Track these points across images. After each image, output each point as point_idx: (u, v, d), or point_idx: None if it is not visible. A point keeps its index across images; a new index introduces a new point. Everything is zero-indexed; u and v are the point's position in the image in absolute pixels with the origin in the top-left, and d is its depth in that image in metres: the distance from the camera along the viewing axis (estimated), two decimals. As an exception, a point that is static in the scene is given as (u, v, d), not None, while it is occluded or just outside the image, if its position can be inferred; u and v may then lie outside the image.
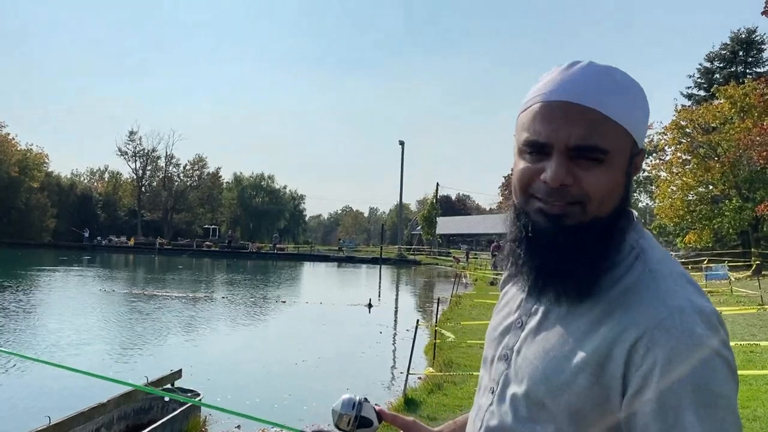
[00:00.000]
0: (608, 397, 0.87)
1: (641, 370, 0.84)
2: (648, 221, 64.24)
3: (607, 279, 0.93)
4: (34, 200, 64.32)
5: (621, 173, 0.93)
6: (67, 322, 15.21)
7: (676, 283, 0.90)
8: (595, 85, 0.92)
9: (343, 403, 1.19)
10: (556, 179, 0.91)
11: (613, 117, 0.91)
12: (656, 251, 0.96)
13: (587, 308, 0.92)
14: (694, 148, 35.07)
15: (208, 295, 23.22)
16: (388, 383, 10.06)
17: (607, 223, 0.93)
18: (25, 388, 8.96)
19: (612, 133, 0.91)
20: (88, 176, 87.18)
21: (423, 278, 38.29)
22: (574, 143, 0.91)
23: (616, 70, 0.95)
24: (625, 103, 0.93)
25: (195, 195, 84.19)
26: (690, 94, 44.17)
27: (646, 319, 0.86)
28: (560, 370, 0.91)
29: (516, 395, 0.96)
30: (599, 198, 0.92)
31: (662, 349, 0.83)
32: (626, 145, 0.93)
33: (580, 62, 0.96)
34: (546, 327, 0.97)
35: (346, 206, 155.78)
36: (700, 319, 0.85)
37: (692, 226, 36.27)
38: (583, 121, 0.91)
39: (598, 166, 0.91)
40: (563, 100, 0.92)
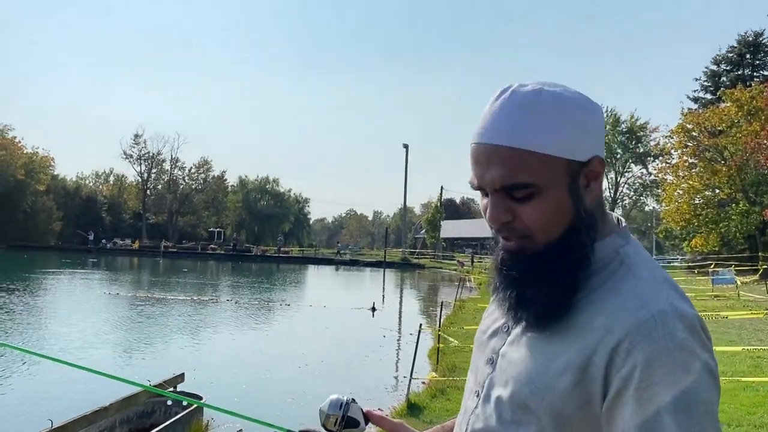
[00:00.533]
0: (590, 399, 0.88)
1: (621, 373, 0.85)
2: (654, 225, 64.07)
3: (590, 283, 0.94)
4: (40, 203, 64.59)
5: (561, 196, 0.94)
6: (72, 325, 15.20)
7: (659, 287, 0.91)
8: (513, 119, 0.93)
9: (330, 403, 1.19)
10: (493, 220, 0.96)
11: (532, 149, 0.91)
12: (641, 257, 0.97)
13: (573, 312, 0.94)
14: (701, 151, 34.94)
15: (213, 298, 23.22)
16: (391, 387, 10.01)
17: (564, 244, 0.94)
18: (28, 391, 8.95)
19: (535, 164, 0.92)
20: (94, 179, 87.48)
21: (427, 282, 38.24)
22: (499, 185, 0.93)
23: (540, 93, 0.94)
24: (547, 128, 0.92)
25: (200, 198, 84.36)
26: (696, 98, 43.98)
27: (628, 323, 0.87)
28: (543, 373, 0.92)
29: (500, 398, 0.97)
30: (541, 228, 0.94)
31: (642, 352, 0.84)
32: (557, 168, 0.93)
33: (506, 92, 0.96)
34: (530, 331, 0.97)
35: (351, 209, 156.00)
36: (681, 323, 0.86)
37: (699, 230, 36.12)
38: (502, 161, 0.92)
39: (533, 199, 0.93)
40: (483, 142, 0.95)
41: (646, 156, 57.31)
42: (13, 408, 7.73)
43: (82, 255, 52.76)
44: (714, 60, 43.39)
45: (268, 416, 7.75)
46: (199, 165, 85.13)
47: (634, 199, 62.72)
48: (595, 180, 0.97)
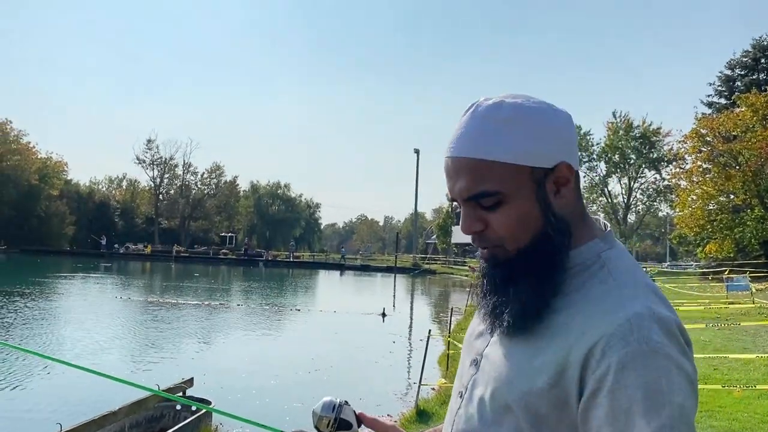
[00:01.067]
0: (567, 400, 0.88)
1: (596, 374, 0.85)
2: (668, 231, 63.58)
3: (569, 286, 0.96)
4: (54, 208, 65.20)
5: (528, 203, 0.96)
6: (84, 329, 15.28)
7: (638, 291, 0.92)
8: (474, 131, 0.97)
9: (323, 405, 1.19)
10: (464, 229, 1.01)
11: (493, 158, 0.95)
12: (623, 261, 0.98)
13: (551, 314, 0.95)
14: (715, 156, 34.63)
15: (224, 303, 23.26)
16: (401, 393, 9.96)
17: (534, 250, 0.96)
18: (38, 395, 8.97)
19: (498, 173, 0.95)
20: (107, 184, 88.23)
21: (438, 288, 38.14)
22: (467, 196, 0.97)
23: (500, 105, 0.97)
24: (506, 137, 0.95)
25: (212, 203, 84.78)
26: (710, 102, 43.63)
27: (604, 325, 0.88)
28: (522, 373, 0.93)
29: (482, 398, 0.98)
30: (511, 235, 0.97)
31: (617, 354, 0.84)
32: (520, 175, 0.95)
33: (472, 107, 1.00)
34: (511, 332, 0.98)
35: (362, 215, 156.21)
36: (658, 326, 0.86)
37: (713, 236, 35.77)
38: (467, 172, 0.96)
39: (500, 207, 0.96)
40: (450, 156, 0.99)
41: (660, 161, 56.95)
42: (22, 412, 7.75)
43: (95, 259, 53.13)
44: (728, 64, 43.05)
45: (278, 421, 7.74)
46: (211, 170, 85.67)
47: (647, 205, 62.31)
48: (566, 185, 0.98)
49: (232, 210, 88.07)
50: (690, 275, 38.12)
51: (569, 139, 0.99)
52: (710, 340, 12.34)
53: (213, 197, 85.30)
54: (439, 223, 66.37)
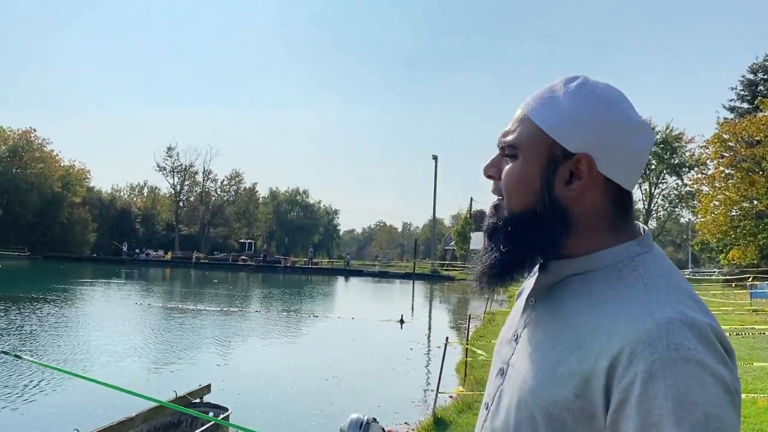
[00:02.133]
0: (593, 411, 0.83)
1: (622, 384, 0.80)
2: (690, 237, 62.75)
3: (597, 289, 0.92)
4: (76, 215, 66.10)
5: (532, 169, 0.96)
6: (104, 335, 15.43)
7: (670, 295, 0.86)
8: (540, 92, 0.99)
9: (350, 423, 1.18)
10: (483, 169, 1.03)
11: (530, 116, 0.97)
12: (658, 265, 0.93)
13: (577, 318, 0.91)
14: (737, 162, 34.13)
15: (243, 309, 23.38)
16: (418, 401, 9.91)
17: (522, 220, 0.96)
18: (56, 401, 9.06)
19: (526, 130, 0.97)
20: (128, 191, 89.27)
21: (456, 294, 37.97)
22: (500, 141, 1.01)
23: (575, 79, 0.98)
24: (548, 104, 0.96)
25: (231, 210, 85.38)
26: (732, 107, 43.05)
27: (631, 331, 0.82)
28: (546, 381, 0.89)
29: (508, 409, 0.94)
30: (507, 191, 0.98)
31: (644, 362, 0.79)
32: (540, 142, 0.95)
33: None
34: (536, 339, 0.95)
35: (380, 221, 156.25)
36: (690, 332, 0.80)
37: (736, 243, 35.23)
38: (512, 122, 1.00)
39: (512, 160, 0.98)
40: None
41: (681, 167, 56.31)
42: (41, 418, 7.83)
43: (116, 266, 53.72)
44: (750, 68, 42.46)
45: (297, 429, 7.74)
46: (230, 177, 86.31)
47: (669, 211, 61.62)
48: (580, 180, 0.93)
49: (252, 216, 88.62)
50: (713, 282, 37.55)
51: (613, 143, 0.93)
52: (734, 348, 12.11)
53: (232, 204, 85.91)
54: (458, 230, 66.14)
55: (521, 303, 1.05)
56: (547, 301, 0.97)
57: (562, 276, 0.96)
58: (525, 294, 1.05)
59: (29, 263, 51.29)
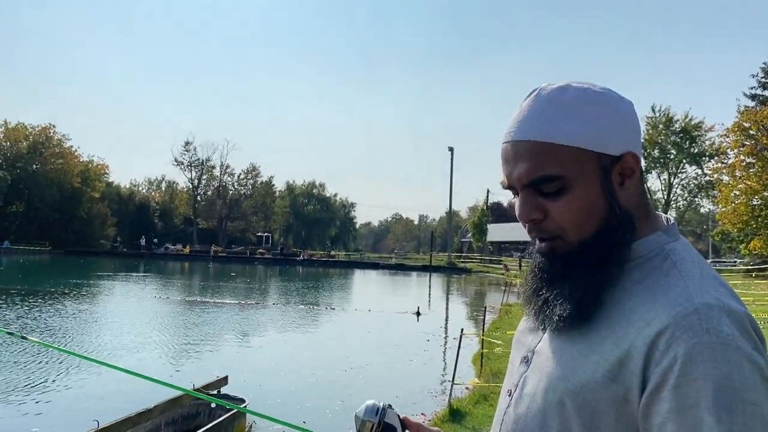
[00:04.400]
0: (627, 396, 0.83)
1: (660, 366, 0.80)
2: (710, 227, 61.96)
3: (630, 278, 0.91)
4: (95, 210, 66.92)
5: (593, 191, 0.92)
6: (123, 327, 15.61)
7: (705, 283, 0.86)
8: (538, 115, 0.93)
9: (366, 409, 1.14)
10: (522, 217, 0.95)
11: (559, 141, 0.90)
12: (688, 254, 0.93)
13: (609, 305, 0.90)
14: (759, 150, 33.59)
15: (260, 302, 23.52)
16: (436, 392, 9.92)
17: (598, 243, 0.92)
18: (75, 393, 9.17)
19: (563, 156, 0.90)
20: (146, 186, 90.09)
21: (473, 286, 37.90)
22: (527, 180, 0.92)
23: (566, 89, 0.94)
24: (574, 119, 0.91)
25: (249, 203, 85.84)
26: (754, 95, 42.37)
27: (669, 315, 0.82)
28: (578, 368, 0.88)
29: (534, 395, 0.93)
30: (574, 225, 0.92)
31: (684, 345, 0.79)
32: (587, 161, 0.91)
33: (533, 92, 0.96)
34: (563, 327, 0.93)
35: (396, 213, 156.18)
36: (728, 318, 0.81)
37: (757, 232, 34.74)
38: (529, 155, 0.92)
39: (563, 195, 0.91)
40: (510, 140, 0.95)
41: (701, 156, 55.57)
42: (61, 408, 7.94)
43: (135, 260, 54.29)
44: (772, 55, 41.73)
45: (318, 419, 7.78)
46: (247, 171, 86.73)
47: (688, 201, 60.89)
48: (630, 177, 0.94)
49: (269, 210, 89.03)
50: (733, 272, 37.08)
51: (635, 128, 0.95)
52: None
53: (249, 198, 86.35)
54: (474, 222, 65.92)
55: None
56: None
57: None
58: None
59: (50, 258, 52.00)
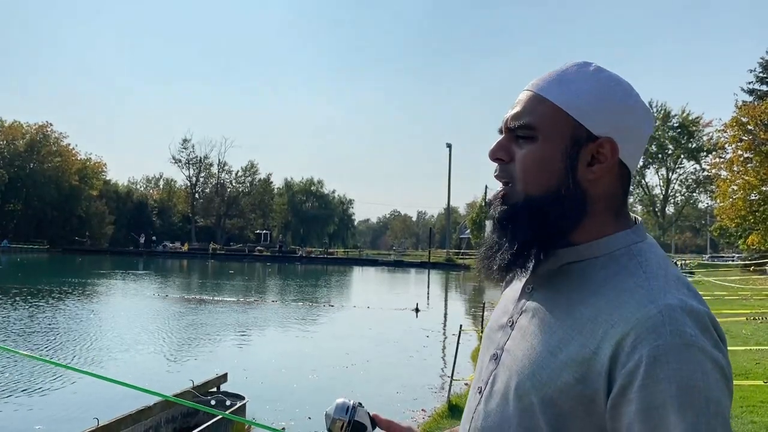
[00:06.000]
0: (593, 396, 0.84)
1: (626, 368, 0.82)
2: (708, 222, 62.04)
3: (597, 277, 0.93)
4: (93, 208, 66.82)
5: (554, 152, 0.94)
6: (122, 325, 15.62)
7: (669, 284, 0.88)
8: (553, 74, 0.98)
9: (336, 407, 1.18)
10: (490, 154, 0.99)
11: (548, 96, 0.95)
12: (654, 254, 0.95)
13: (577, 305, 0.91)
14: (757, 145, 33.62)
15: (259, 299, 23.53)
16: (436, 388, 9.96)
17: (541, 203, 0.94)
18: (75, 390, 9.17)
19: (544, 111, 0.95)
20: (144, 184, 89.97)
21: (472, 283, 37.93)
22: (510, 123, 0.98)
23: (587, 64, 0.98)
24: (568, 86, 0.95)
25: (247, 201, 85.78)
26: (751, 90, 42.37)
27: (634, 317, 0.84)
28: (545, 366, 0.89)
29: (503, 394, 0.94)
30: (523, 174, 0.95)
31: (648, 347, 0.81)
32: (561, 123, 0.94)
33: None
34: (534, 325, 0.95)
35: (395, 210, 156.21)
36: (690, 319, 0.83)
37: (755, 227, 34.81)
38: (523, 103, 0.97)
39: (529, 143, 0.95)
40: (524, 89, 1.00)
41: (699, 151, 55.62)
42: (60, 406, 7.95)
43: (134, 258, 54.27)
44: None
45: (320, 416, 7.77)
46: (245, 168, 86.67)
47: (686, 196, 60.98)
48: (601, 164, 0.94)
49: (267, 207, 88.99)
50: (731, 267, 37.15)
51: (631, 129, 0.96)
52: (752, 333, 12.03)
53: (248, 195, 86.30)
54: (473, 218, 65.90)
55: (515, 289, 1.05)
56: (546, 289, 0.97)
57: (561, 263, 0.96)
58: (516, 281, 1.06)
59: (48, 256, 51.96)
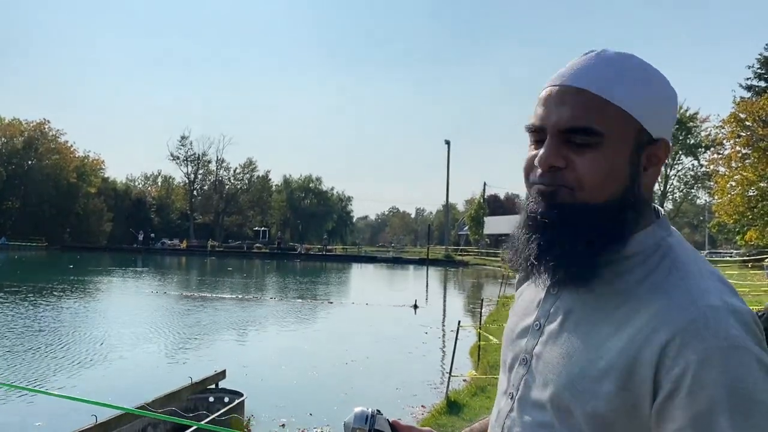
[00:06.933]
0: (637, 403, 0.82)
1: (672, 373, 0.79)
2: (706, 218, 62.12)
3: (631, 277, 0.89)
4: (92, 205, 66.70)
5: (621, 160, 0.89)
6: (122, 322, 15.60)
7: (707, 282, 0.85)
8: (598, 68, 0.91)
9: (355, 416, 1.15)
10: (544, 161, 0.90)
11: (610, 99, 0.89)
12: (685, 249, 0.92)
13: (612, 308, 0.88)
14: (755, 141, 33.60)
15: (258, 296, 23.54)
16: (435, 384, 9.97)
17: (602, 210, 0.89)
18: (73, 387, 9.17)
19: (608, 115, 0.88)
20: (143, 181, 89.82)
21: (470, 279, 37.98)
22: (565, 125, 0.89)
23: (630, 57, 0.93)
24: (630, 87, 0.90)
25: (245, 198, 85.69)
26: (750, 86, 42.32)
27: (677, 320, 0.81)
28: (585, 375, 0.85)
29: (539, 401, 0.91)
30: (592, 181, 0.88)
31: (694, 350, 0.78)
32: (628, 129, 0.89)
33: (595, 51, 0.94)
34: (568, 329, 0.92)
35: (393, 207, 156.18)
36: (734, 319, 0.80)
37: (754, 223, 34.82)
38: (576, 102, 0.89)
39: (592, 150, 0.88)
40: (560, 84, 0.92)
41: (697, 147, 55.64)
42: (58, 403, 7.93)
43: (132, 255, 54.22)
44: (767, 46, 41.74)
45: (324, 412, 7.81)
46: (244, 165, 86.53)
47: (684, 192, 61.02)
48: (655, 166, 0.93)
49: (265, 204, 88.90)
50: (729, 263, 37.22)
51: (674, 120, 0.95)
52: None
53: (246, 192, 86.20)
54: (471, 215, 65.92)
55: (535, 289, 1.02)
56: (575, 291, 0.93)
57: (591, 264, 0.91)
58: (534, 284, 1.01)
59: (47, 254, 51.90)
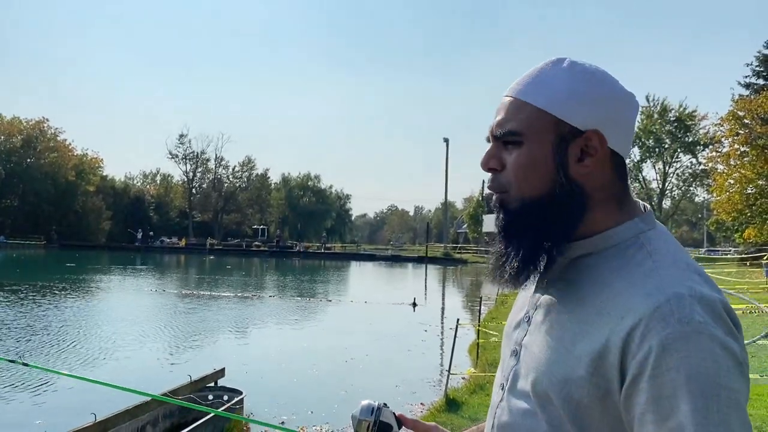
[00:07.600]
0: (608, 388, 0.85)
1: (636, 359, 0.82)
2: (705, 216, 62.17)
3: (607, 268, 0.93)
4: (90, 203, 66.65)
5: (542, 153, 0.95)
6: (121, 320, 15.60)
7: (679, 271, 0.88)
8: (526, 76, 0.99)
9: (362, 409, 1.20)
10: (482, 164, 1.00)
11: (526, 100, 0.96)
12: (664, 242, 0.94)
13: (590, 298, 0.92)
14: (753, 139, 33.66)
15: (257, 294, 23.55)
16: (434, 381, 10.00)
17: (539, 206, 0.95)
18: (72, 385, 9.17)
19: (527, 115, 0.95)
20: (141, 179, 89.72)
21: (469, 277, 37.99)
22: (495, 132, 0.98)
23: (561, 61, 0.98)
24: (546, 86, 0.96)
25: (244, 196, 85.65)
26: (748, 84, 42.33)
27: (642, 307, 0.84)
28: (561, 362, 0.90)
29: (523, 390, 0.96)
30: (516, 180, 0.96)
31: (657, 336, 0.81)
32: (544, 124, 0.95)
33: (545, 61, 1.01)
34: (549, 320, 0.96)
35: (392, 205, 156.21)
36: (700, 306, 0.82)
37: (752, 221, 34.90)
38: (506, 109, 0.98)
39: (517, 148, 0.96)
40: (504, 94, 1.01)
41: (696, 145, 55.65)
42: (57, 402, 7.96)
43: (131, 253, 54.20)
44: (766, 44, 41.76)
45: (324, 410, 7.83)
46: (242, 163, 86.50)
47: (683, 190, 61.03)
48: (593, 156, 0.95)
49: (264, 203, 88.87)
50: (728, 261, 37.26)
51: (615, 117, 0.96)
52: (748, 327, 12.05)
53: (245, 190, 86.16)
54: (470, 212, 66.03)
55: (531, 285, 1.05)
56: (558, 283, 0.98)
57: (570, 257, 0.97)
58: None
59: (45, 252, 51.85)
